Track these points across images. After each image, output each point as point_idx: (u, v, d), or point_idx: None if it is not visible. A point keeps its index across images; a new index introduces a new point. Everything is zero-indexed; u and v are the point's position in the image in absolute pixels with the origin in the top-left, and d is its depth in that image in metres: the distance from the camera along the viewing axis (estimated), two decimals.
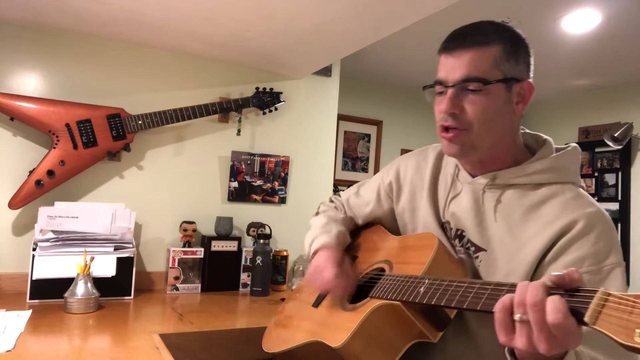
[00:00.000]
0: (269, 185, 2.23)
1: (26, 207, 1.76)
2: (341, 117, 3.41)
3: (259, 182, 2.21)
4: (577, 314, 0.58)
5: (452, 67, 0.93)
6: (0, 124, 1.78)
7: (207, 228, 2.10)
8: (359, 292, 1.06)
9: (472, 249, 0.97)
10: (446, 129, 0.95)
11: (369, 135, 3.63)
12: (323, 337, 0.95)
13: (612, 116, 3.39)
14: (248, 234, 2.16)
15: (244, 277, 2.04)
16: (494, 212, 0.96)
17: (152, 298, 1.81)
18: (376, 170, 3.58)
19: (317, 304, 1.13)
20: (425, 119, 3.80)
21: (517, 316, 0.63)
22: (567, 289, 0.61)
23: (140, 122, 1.87)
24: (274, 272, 2.09)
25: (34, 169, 1.73)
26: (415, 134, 3.79)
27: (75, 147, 1.78)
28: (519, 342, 0.63)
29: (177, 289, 1.92)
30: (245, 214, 2.19)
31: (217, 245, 2.00)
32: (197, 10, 1.58)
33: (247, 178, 2.18)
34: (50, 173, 1.73)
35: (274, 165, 2.24)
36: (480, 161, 0.99)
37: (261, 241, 1.99)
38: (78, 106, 1.81)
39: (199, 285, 1.96)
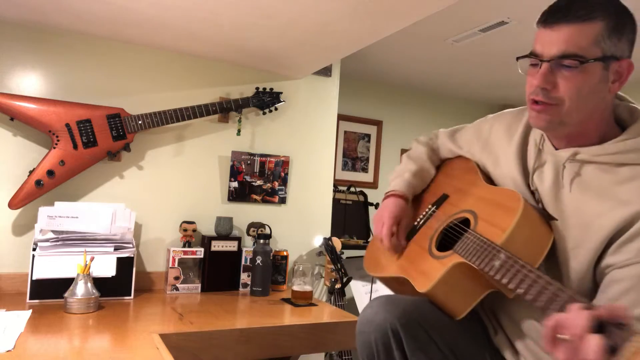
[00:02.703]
0: (269, 185, 2.23)
1: (26, 207, 1.76)
2: (341, 117, 3.41)
3: (259, 182, 2.21)
4: (613, 351, 0.65)
5: (550, 41, 0.91)
6: (0, 124, 1.78)
7: (207, 228, 2.10)
8: (447, 235, 1.15)
9: (545, 217, 1.00)
10: (536, 102, 0.94)
11: (369, 135, 3.62)
12: (411, 277, 1.09)
13: None
14: (248, 234, 2.16)
15: (244, 277, 2.04)
16: (570, 185, 0.97)
17: (152, 298, 1.81)
18: (376, 170, 3.59)
19: (409, 237, 1.25)
20: (425, 119, 3.80)
21: (560, 336, 0.70)
22: (613, 322, 0.67)
23: (140, 122, 1.87)
24: (274, 272, 2.09)
25: (34, 169, 1.73)
26: (415, 134, 3.78)
27: (75, 147, 1.78)
28: (559, 355, 0.71)
29: (177, 289, 1.92)
30: (245, 214, 2.19)
31: (217, 245, 2.00)
32: (197, 10, 1.58)
33: (247, 178, 2.18)
34: (50, 173, 1.73)
35: (274, 165, 2.24)
36: (567, 135, 0.98)
37: (261, 241, 1.99)
38: (78, 106, 1.81)
39: (199, 285, 1.96)
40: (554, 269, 0.99)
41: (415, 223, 1.27)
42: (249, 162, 2.18)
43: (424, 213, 1.28)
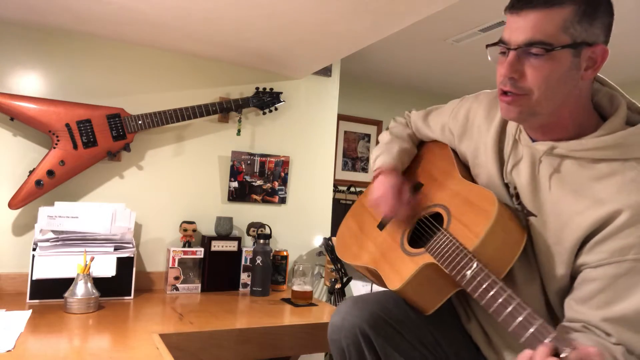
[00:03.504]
0: (269, 185, 2.23)
1: (26, 207, 1.76)
2: (341, 117, 3.41)
3: (259, 182, 2.21)
4: None
5: (517, 28, 0.87)
6: (0, 124, 1.78)
7: (207, 228, 2.10)
8: (419, 229, 1.15)
9: (524, 211, 0.98)
10: (505, 92, 0.92)
11: (369, 135, 3.62)
12: (383, 272, 1.09)
13: None
14: (248, 234, 2.16)
15: (244, 277, 2.04)
16: (549, 181, 0.94)
17: (152, 298, 1.81)
18: None
19: (381, 226, 1.23)
20: None
21: None
22: None
23: (140, 122, 1.87)
24: (274, 272, 2.09)
25: (34, 169, 1.73)
26: None
27: (75, 147, 1.78)
28: None
29: (177, 289, 1.92)
30: (245, 214, 2.19)
31: (217, 245, 2.00)
32: (197, 10, 1.58)
33: (247, 178, 2.18)
34: (50, 173, 1.73)
35: (274, 165, 2.24)
36: (541, 126, 0.95)
37: (261, 241, 1.99)
38: (78, 106, 1.81)
39: (199, 285, 1.96)
40: (531, 265, 0.99)
41: None
42: (249, 162, 2.18)
43: None
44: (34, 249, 1.63)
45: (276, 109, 2.17)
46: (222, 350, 1.45)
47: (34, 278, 1.62)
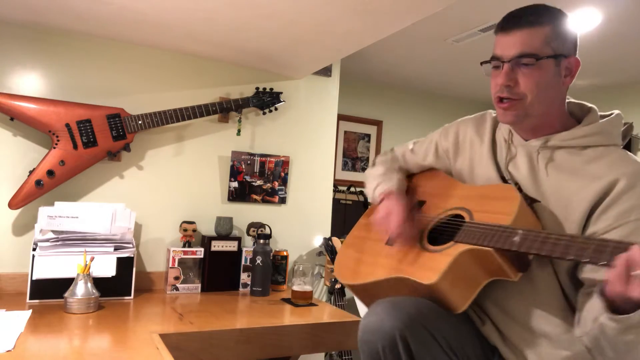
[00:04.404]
0: (269, 185, 2.23)
1: (26, 207, 1.76)
2: (341, 117, 3.41)
3: (259, 182, 2.21)
4: None
5: (508, 45, 1.05)
6: (0, 124, 1.78)
7: (207, 228, 2.10)
8: (434, 233, 1.16)
9: (528, 200, 1.08)
10: (501, 99, 1.07)
11: (369, 135, 3.63)
12: (411, 274, 1.07)
13: None
14: (248, 234, 2.16)
15: (244, 277, 2.04)
16: (546, 169, 1.08)
17: (152, 298, 1.81)
18: None
19: (391, 242, 1.23)
20: (425, 119, 3.80)
21: (636, 272, 0.77)
22: None
23: (140, 122, 1.87)
24: (274, 272, 2.09)
25: (34, 169, 1.73)
26: (415, 134, 3.77)
27: (75, 147, 1.78)
28: (635, 292, 0.78)
29: (177, 289, 1.92)
30: (245, 214, 2.19)
31: (217, 245, 2.00)
32: (197, 10, 1.58)
33: (247, 178, 2.18)
34: (50, 173, 1.73)
35: (274, 165, 2.24)
36: (533, 127, 1.10)
37: (261, 241, 1.99)
38: (78, 106, 1.81)
39: (199, 285, 1.96)
40: None
41: None
42: (249, 162, 2.18)
43: None
44: (34, 249, 1.63)
45: (276, 109, 2.17)
46: (222, 350, 1.45)
47: (34, 278, 1.62)
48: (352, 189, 3.08)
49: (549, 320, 1.03)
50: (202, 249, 1.97)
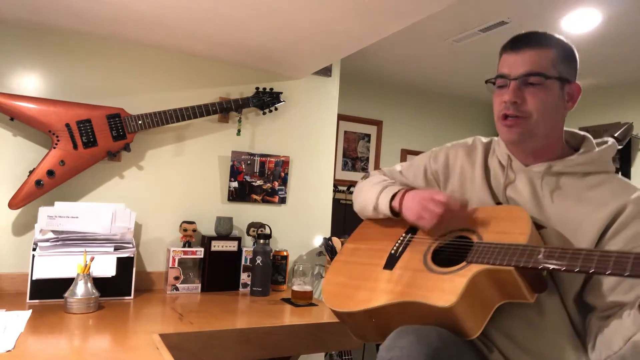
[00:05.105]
0: (269, 185, 2.23)
1: (26, 207, 1.76)
2: (341, 117, 3.41)
3: (259, 182, 2.21)
4: None
5: (516, 63, 1.06)
6: (0, 124, 1.78)
7: (207, 228, 2.10)
8: (438, 255, 1.12)
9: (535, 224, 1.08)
10: (506, 117, 1.07)
11: (369, 135, 3.62)
12: (424, 297, 1.01)
13: (612, 116, 3.39)
14: (248, 234, 2.16)
15: (244, 277, 2.04)
16: (551, 196, 1.08)
17: (152, 298, 1.81)
18: None
19: (391, 266, 1.17)
20: (425, 119, 3.80)
21: None
22: None
23: (140, 122, 1.87)
24: (274, 272, 2.09)
25: (34, 169, 1.73)
26: (415, 134, 3.79)
27: (75, 147, 1.78)
28: None
29: (177, 289, 1.92)
30: (245, 214, 2.19)
31: (217, 245, 2.00)
32: (197, 10, 1.58)
33: (247, 178, 2.18)
34: (50, 173, 1.73)
35: (274, 165, 2.24)
36: (534, 151, 1.10)
37: (261, 241, 1.99)
38: (78, 106, 1.81)
39: (199, 285, 1.96)
40: (549, 278, 1.03)
41: (393, 251, 1.21)
42: (249, 162, 2.18)
43: (398, 241, 1.23)
44: (34, 249, 1.63)
45: (276, 109, 2.17)
46: (222, 350, 1.45)
47: (34, 278, 1.62)
48: (352, 189, 3.08)
49: (559, 347, 1.02)
50: (202, 249, 1.97)
